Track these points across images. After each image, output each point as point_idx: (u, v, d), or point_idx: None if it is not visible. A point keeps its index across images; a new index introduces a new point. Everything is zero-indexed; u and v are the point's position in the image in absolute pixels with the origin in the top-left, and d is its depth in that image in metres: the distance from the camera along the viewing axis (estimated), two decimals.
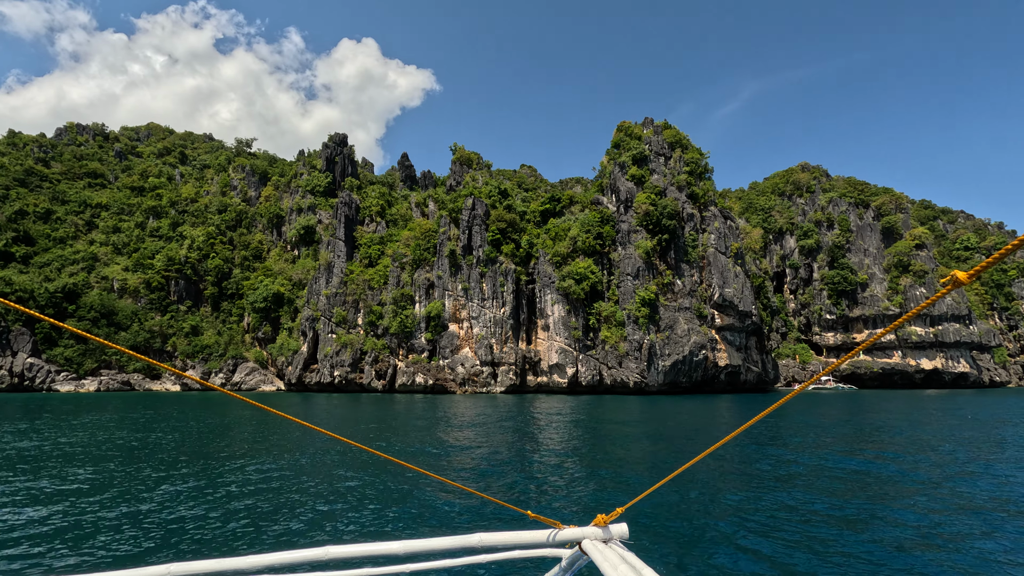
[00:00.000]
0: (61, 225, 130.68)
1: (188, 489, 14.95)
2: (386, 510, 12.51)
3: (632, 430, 30.96)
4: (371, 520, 11.75)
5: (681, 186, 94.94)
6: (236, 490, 14.75)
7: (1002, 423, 34.28)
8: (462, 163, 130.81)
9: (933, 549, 10.12)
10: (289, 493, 14.43)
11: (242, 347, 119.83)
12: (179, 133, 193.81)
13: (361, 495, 14.07)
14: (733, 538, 10.70)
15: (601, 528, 2.24)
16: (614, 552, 2.06)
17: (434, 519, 11.88)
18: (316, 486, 15.24)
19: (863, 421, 36.09)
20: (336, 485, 15.31)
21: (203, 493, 14.40)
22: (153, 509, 12.76)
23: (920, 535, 10.94)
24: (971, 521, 11.66)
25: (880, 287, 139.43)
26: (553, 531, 2.27)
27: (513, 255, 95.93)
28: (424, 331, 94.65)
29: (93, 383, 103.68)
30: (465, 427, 33.13)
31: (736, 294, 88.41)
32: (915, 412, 43.80)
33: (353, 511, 12.46)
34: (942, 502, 13.25)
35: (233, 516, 12.17)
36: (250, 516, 12.16)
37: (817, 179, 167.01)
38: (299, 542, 10.33)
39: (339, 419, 40.15)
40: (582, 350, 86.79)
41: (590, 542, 2.17)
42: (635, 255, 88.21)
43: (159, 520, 11.87)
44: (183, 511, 12.56)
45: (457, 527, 11.18)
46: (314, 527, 11.31)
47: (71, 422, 35.01)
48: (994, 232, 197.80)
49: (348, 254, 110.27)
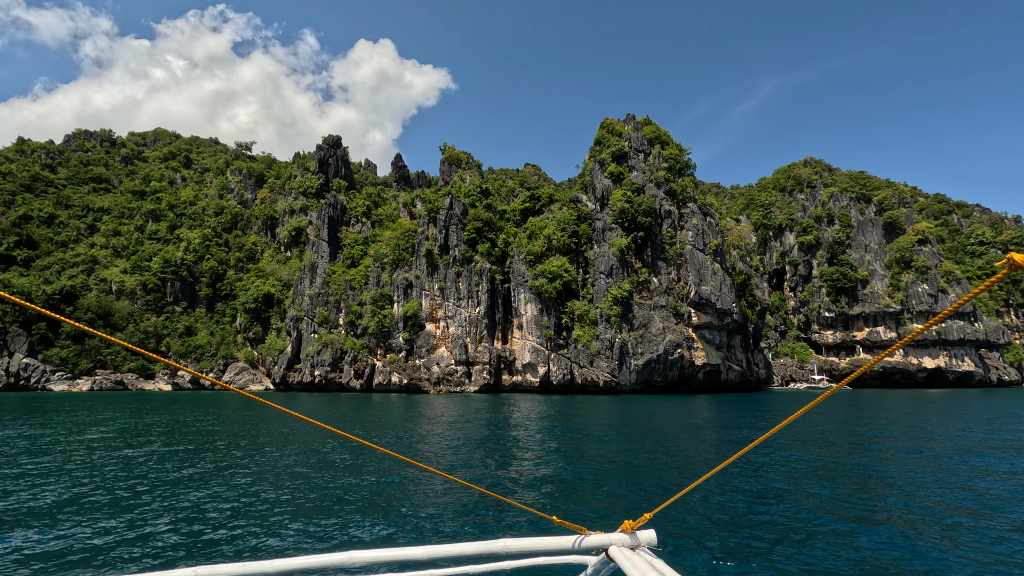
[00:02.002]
0: (64, 229, 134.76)
1: (230, 487, 15.32)
2: (409, 514, 12.40)
3: (595, 432, 30.47)
4: (395, 524, 11.69)
5: (659, 183, 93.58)
6: (256, 490, 15.02)
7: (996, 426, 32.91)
8: (451, 163, 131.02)
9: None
10: (308, 493, 14.51)
11: (233, 347, 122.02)
12: (185, 138, 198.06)
13: (382, 498, 13.98)
14: (764, 545, 10.33)
15: (628, 534, 2.19)
16: (642, 559, 2.01)
17: (458, 524, 11.73)
18: (333, 488, 15.19)
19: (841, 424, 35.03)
20: (356, 488, 15.22)
21: (240, 492, 14.76)
22: (183, 509, 12.99)
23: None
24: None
25: (881, 284, 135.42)
26: (579, 537, 2.23)
27: (489, 254, 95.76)
28: (402, 331, 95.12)
29: (87, 383, 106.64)
30: (440, 424, 33.30)
31: (714, 292, 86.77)
32: (902, 413, 42.34)
33: (376, 515, 12.39)
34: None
35: (251, 517, 12.34)
36: (271, 516, 12.36)
37: (819, 174, 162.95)
38: (323, 546, 10.39)
39: (327, 418, 40.44)
40: (554, 349, 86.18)
41: (617, 549, 2.13)
42: (609, 253, 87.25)
43: (185, 520, 12.07)
44: (216, 512, 12.73)
45: (481, 532, 11.15)
46: (336, 530, 11.35)
47: (92, 420, 35.98)
48: (1011, 226, 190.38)
49: (332, 255, 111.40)
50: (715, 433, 29.01)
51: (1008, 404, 53.22)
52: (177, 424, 34.00)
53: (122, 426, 32.52)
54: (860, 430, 29.51)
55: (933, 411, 44.39)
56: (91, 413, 43.21)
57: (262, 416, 40.41)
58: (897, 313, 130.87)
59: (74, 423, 34.21)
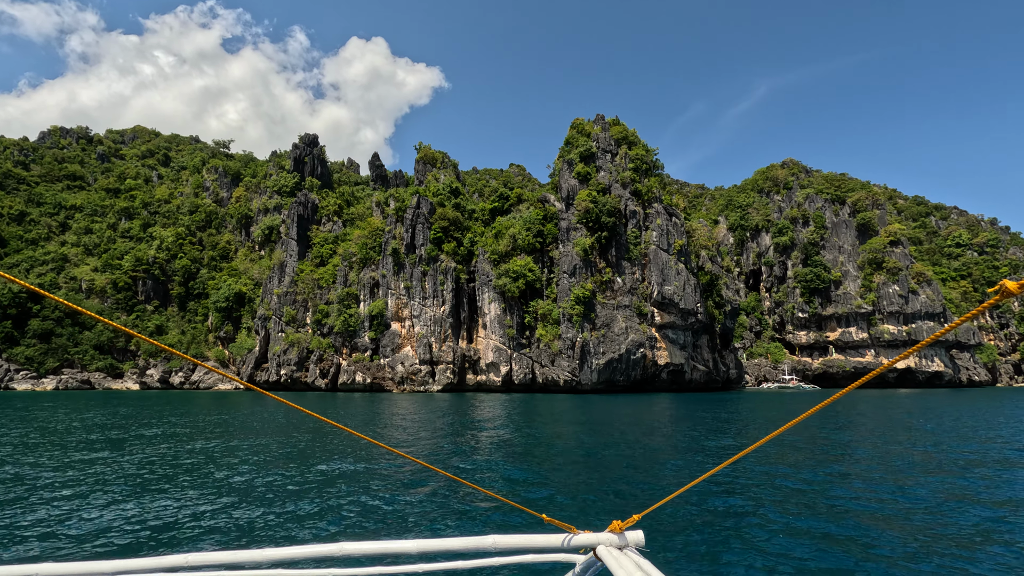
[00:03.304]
0: (35, 227, 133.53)
1: (218, 479, 15.34)
2: (399, 508, 12.46)
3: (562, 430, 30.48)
4: (385, 517, 11.74)
5: (625, 183, 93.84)
6: (249, 482, 15.08)
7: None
8: (426, 162, 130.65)
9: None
10: (299, 486, 14.60)
11: (204, 346, 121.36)
12: (165, 135, 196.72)
13: (373, 492, 14.01)
14: (753, 547, 10.32)
15: (616, 534, 2.19)
16: (629, 559, 2.01)
17: (447, 519, 11.76)
18: (328, 481, 15.32)
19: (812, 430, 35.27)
20: (347, 481, 15.31)
21: (229, 484, 14.87)
22: (177, 499, 13.08)
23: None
24: None
25: (854, 285, 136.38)
26: (568, 536, 2.22)
27: (455, 253, 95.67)
28: (368, 330, 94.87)
29: (52, 382, 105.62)
30: (408, 421, 33.26)
31: (677, 292, 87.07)
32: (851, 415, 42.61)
33: (365, 508, 12.45)
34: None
35: (242, 509, 12.35)
36: (263, 510, 12.37)
37: (796, 175, 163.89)
38: (313, 537, 10.41)
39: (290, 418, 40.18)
40: (516, 348, 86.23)
41: (605, 548, 2.13)
42: (573, 253, 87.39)
43: (173, 510, 12.11)
44: (222, 502, 12.79)
45: (470, 528, 11.19)
46: (326, 521, 11.39)
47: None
48: (987, 228, 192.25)
49: (301, 253, 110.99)
50: (661, 429, 29.07)
51: (954, 406, 53.67)
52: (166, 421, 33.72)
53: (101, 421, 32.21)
54: (832, 434, 29.71)
55: (896, 411, 44.80)
56: (70, 412, 42.75)
57: (235, 413, 40.24)
58: (869, 314, 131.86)
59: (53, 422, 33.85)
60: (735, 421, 34.27)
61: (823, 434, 27.04)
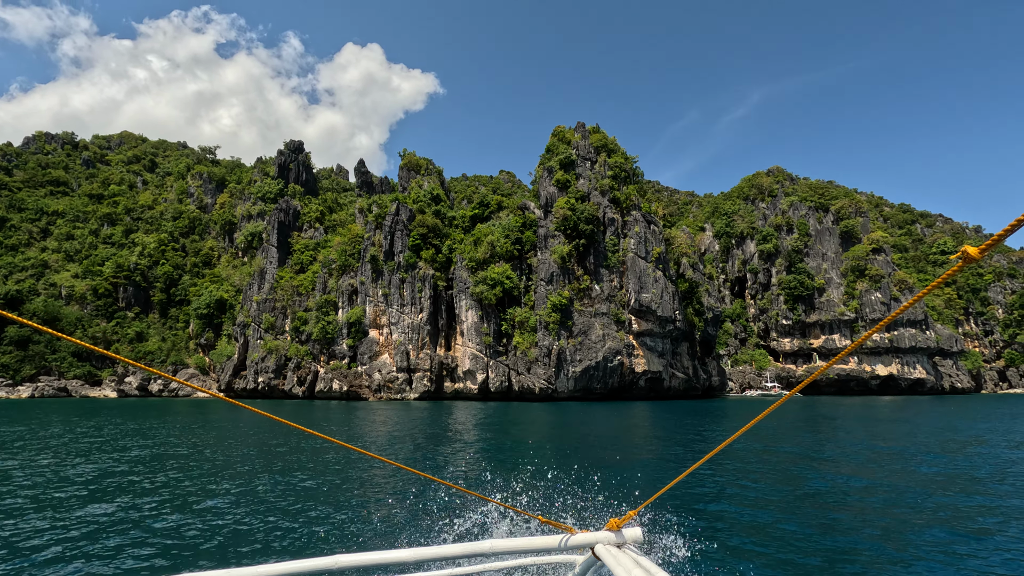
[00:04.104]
0: (15, 232, 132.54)
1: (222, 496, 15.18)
2: (392, 517, 12.42)
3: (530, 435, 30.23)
4: (380, 526, 11.69)
5: (604, 191, 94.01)
6: (237, 497, 14.92)
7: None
8: (410, 168, 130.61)
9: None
10: (294, 499, 14.45)
11: (184, 353, 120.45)
12: (152, 141, 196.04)
13: (368, 501, 13.97)
14: (747, 542, 10.78)
15: (614, 532, 2.17)
16: (628, 556, 2.00)
17: (442, 525, 11.77)
18: (320, 492, 15.24)
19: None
20: (340, 491, 15.21)
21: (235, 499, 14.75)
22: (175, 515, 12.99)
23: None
24: None
25: (837, 292, 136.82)
26: (565, 536, 2.21)
27: (434, 260, 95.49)
28: (346, 337, 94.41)
29: (28, 389, 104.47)
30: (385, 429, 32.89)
31: (655, 299, 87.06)
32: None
33: (360, 517, 12.37)
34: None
35: (238, 524, 12.28)
36: (262, 523, 12.28)
37: (780, 183, 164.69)
38: (308, 550, 10.27)
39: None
40: (492, 356, 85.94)
41: (603, 547, 2.12)
42: (551, 260, 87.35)
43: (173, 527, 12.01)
44: (213, 519, 12.65)
45: (465, 533, 11.17)
46: (322, 533, 11.33)
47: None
48: (971, 236, 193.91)
49: (281, 260, 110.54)
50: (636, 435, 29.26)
51: (930, 413, 53.76)
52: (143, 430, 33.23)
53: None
54: (812, 436, 30.25)
55: (874, 418, 44.83)
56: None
57: (213, 422, 39.91)
58: (852, 321, 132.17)
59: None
60: (682, 428, 34.10)
61: (805, 438, 27.27)
